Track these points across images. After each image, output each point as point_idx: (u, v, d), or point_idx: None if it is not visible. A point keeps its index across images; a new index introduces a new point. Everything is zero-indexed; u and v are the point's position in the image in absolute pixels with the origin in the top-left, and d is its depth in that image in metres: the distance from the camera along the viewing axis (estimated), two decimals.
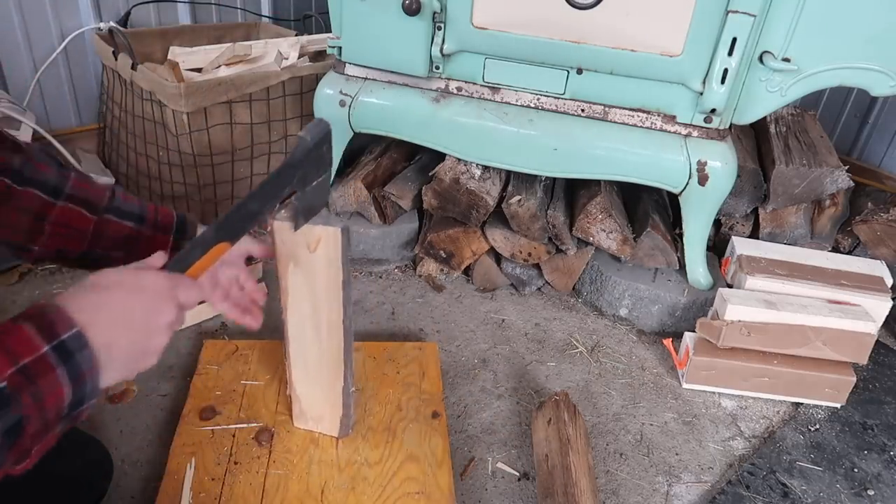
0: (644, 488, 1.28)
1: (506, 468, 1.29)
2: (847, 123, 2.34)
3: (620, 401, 1.50)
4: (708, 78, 1.43)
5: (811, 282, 1.56)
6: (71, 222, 0.87)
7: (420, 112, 1.66)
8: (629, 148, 1.57)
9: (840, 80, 1.45)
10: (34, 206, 0.84)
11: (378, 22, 1.54)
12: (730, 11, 1.35)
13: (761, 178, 1.77)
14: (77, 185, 0.88)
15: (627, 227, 1.71)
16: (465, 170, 1.70)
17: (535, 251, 1.73)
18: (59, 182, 0.86)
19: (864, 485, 1.34)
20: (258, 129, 1.87)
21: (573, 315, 1.78)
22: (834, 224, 1.88)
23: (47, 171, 0.85)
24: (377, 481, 1.16)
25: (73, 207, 0.86)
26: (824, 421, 1.49)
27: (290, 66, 1.91)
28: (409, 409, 1.32)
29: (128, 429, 1.29)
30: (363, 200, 1.81)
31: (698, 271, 1.70)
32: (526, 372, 1.56)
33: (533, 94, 1.61)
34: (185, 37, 2.15)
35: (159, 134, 1.80)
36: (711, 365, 1.49)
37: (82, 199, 0.87)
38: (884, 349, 1.73)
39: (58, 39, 1.94)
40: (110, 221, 0.90)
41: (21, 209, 0.83)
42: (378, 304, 1.74)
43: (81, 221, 0.87)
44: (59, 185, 0.86)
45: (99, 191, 0.90)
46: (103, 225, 0.89)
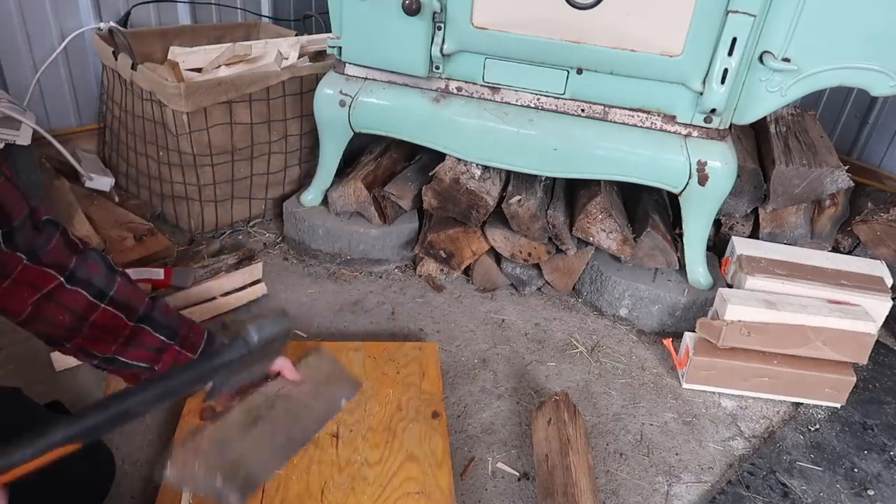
0: (644, 488, 1.28)
1: (506, 468, 1.29)
2: (847, 123, 2.34)
3: (620, 401, 1.50)
4: (708, 78, 1.43)
5: (811, 282, 1.56)
6: (109, 325, 0.89)
7: (420, 112, 1.66)
8: (629, 148, 1.57)
9: (840, 80, 1.45)
10: (79, 308, 0.87)
11: (378, 22, 1.54)
12: (730, 11, 1.35)
13: (761, 178, 1.77)
14: (122, 289, 0.91)
15: (627, 227, 1.71)
16: (465, 170, 1.70)
17: (535, 251, 1.73)
18: (106, 286, 0.89)
19: (864, 485, 1.34)
20: (258, 129, 1.87)
21: (573, 315, 1.78)
22: (834, 224, 1.88)
23: (97, 272, 0.89)
24: (377, 481, 1.16)
25: (113, 312, 0.89)
26: (824, 421, 1.49)
27: (290, 66, 1.91)
28: (409, 409, 1.32)
29: (128, 429, 1.29)
30: (363, 200, 1.81)
31: (698, 271, 1.70)
32: (526, 372, 1.56)
33: (533, 94, 1.61)
34: (185, 37, 2.15)
35: (159, 134, 1.80)
36: (711, 365, 1.49)
37: (124, 304, 0.90)
38: (884, 349, 1.73)
39: (58, 39, 1.94)
40: (145, 331, 0.92)
41: (66, 308, 0.86)
42: (378, 304, 1.74)
43: (119, 326, 0.90)
44: (104, 289, 0.89)
45: (141, 297, 0.93)
46: (138, 333, 0.92)
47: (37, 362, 1.41)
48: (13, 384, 1.02)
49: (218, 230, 1.93)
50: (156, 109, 1.77)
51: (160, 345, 0.94)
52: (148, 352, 0.93)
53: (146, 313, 0.93)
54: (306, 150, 2.02)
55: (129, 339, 0.91)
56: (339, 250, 1.87)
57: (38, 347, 1.44)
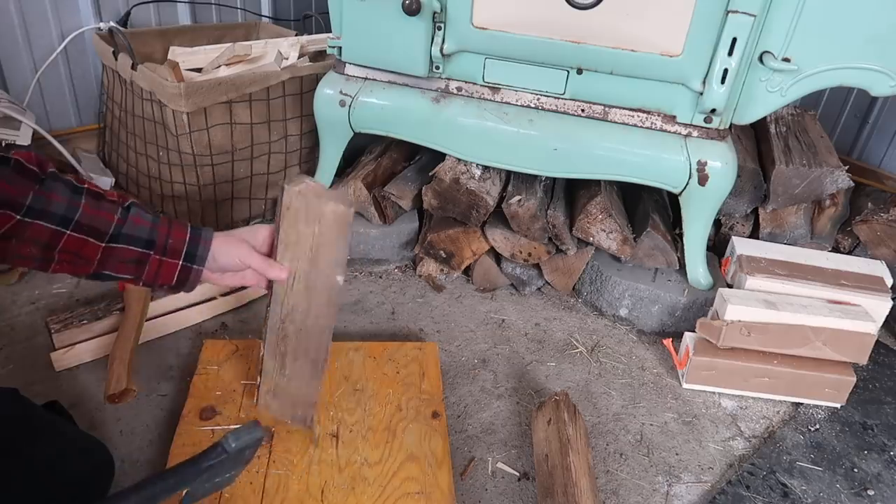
0: (644, 488, 1.28)
1: (506, 468, 1.29)
2: (847, 123, 2.34)
3: (620, 401, 1.50)
4: (708, 78, 1.43)
5: (811, 282, 1.56)
6: (80, 251, 0.89)
7: (420, 112, 1.66)
8: (629, 148, 1.57)
9: (840, 80, 1.45)
10: (43, 238, 0.86)
11: (378, 22, 1.54)
12: (730, 11, 1.35)
13: (761, 178, 1.77)
14: (87, 211, 0.89)
15: (627, 227, 1.71)
16: (465, 170, 1.70)
17: (535, 251, 1.73)
18: (68, 211, 0.88)
19: (864, 485, 1.34)
20: (258, 129, 1.87)
21: (573, 315, 1.78)
22: (834, 224, 1.88)
23: (58, 200, 0.87)
24: (377, 481, 1.16)
25: (80, 237, 0.89)
26: (824, 421, 1.49)
27: (290, 66, 1.91)
28: (409, 409, 1.32)
29: (128, 429, 1.29)
30: (363, 200, 1.81)
31: (698, 271, 1.70)
32: (526, 372, 1.56)
33: (533, 94, 1.61)
34: (185, 37, 2.15)
35: (159, 134, 1.80)
36: (711, 365, 1.49)
37: (90, 227, 0.89)
38: (884, 349, 1.73)
39: (58, 39, 1.94)
40: (118, 248, 0.92)
41: (31, 241, 0.85)
42: (378, 304, 1.74)
43: (89, 250, 0.90)
44: (67, 215, 0.87)
45: (110, 215, 0.91)
46: (111, 251, 0.91)
47: (37, 362, 1.41)
48: (13, 384, 1.02)
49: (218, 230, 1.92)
50: (156, 109, 1.77)
51: (138, 257, 0.94)
52: (128, 265, 0.93)
53: (117, 231, 0.92)
54: (306, 150, 2.02)
55: (105, 258, 0.91)
56: None
57: (38, 347, 1.44)
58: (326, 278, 1.05)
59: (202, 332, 1.56)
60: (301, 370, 1.15)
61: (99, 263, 0.91)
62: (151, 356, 1.47)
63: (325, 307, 1.08)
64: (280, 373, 1.17)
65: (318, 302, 1.08)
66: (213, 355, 1.41)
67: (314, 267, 1.05)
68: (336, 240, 1.02)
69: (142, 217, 0.95)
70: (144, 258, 0.94)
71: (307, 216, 1.01)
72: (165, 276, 0.97)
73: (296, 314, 1.10)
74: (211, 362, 1.39)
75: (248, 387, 1.33)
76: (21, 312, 1.56)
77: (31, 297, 1.61)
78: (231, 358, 1.40)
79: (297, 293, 1.08)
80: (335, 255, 1.03)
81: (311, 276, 1.06)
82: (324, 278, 1.05)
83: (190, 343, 1.52)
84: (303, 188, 1.00)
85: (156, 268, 0.95)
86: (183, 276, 0.98)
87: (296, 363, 1.15)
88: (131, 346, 1.39)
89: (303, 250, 1.04)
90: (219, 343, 1.45)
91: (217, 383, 1.33)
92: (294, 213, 1.02)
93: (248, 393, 1.32)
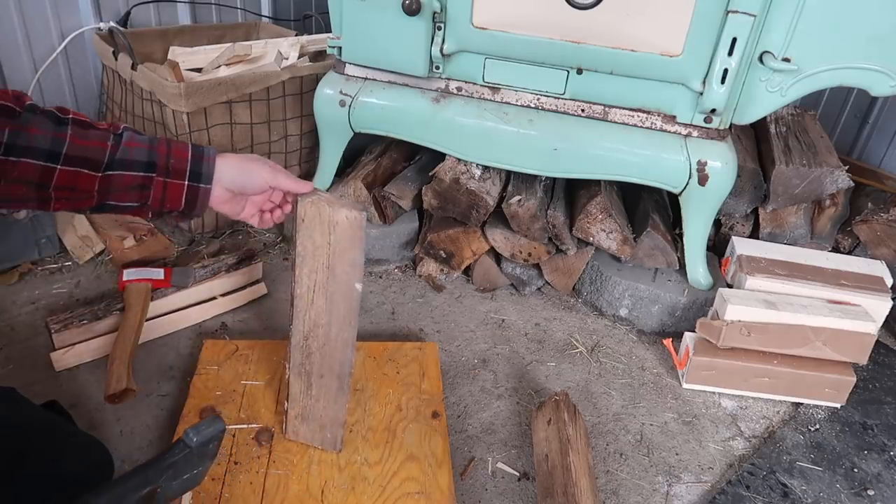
0: (644, 488, 1.28)
1: (506, 468, 1.29)
2: (847, 123, 2.34)
3: (620, 401, 1.50)
4: (708, 78, 1.43)
5: (811, 282, 1.56)
6: (76, 185, 0.84)
7: (420, 112, 1.66)
8: (629, 148, 1.57)
9: (840, 80, 1.45)
10: (33, 176, 0.81)
11: (378, 22, 1.54)
12: (730, 11, 1.35)
13: (761, 178, 1.77)
14: (75, 142, 0.84)
15: (627, 227, 1.71)
16: (465, 170, 1.70)
17: (535, 251, 1.73)
18: (54, 145, 0.82)
19: (864, 485, 1.34)
20: (258, 129, 1.87)
21: (573, 315, 1.78)
22: (834, 224, 1.88)
23: (41, 134, 0.82)
24: (377, 481, 1.16)
25: (73, 170, 0.84)
26: (824, 421, 1.49)
27: (290, 66, 1.91)
28: (409, 409, 1.32)
29: (128, 429, 1.29)
30: (363, 200, 1.81)
31: (698, 271, 1.70)
32: (526, 372, 1.56)
33: (533, 94, 1.61)
34: (185, 37, 2.15)
35: (159, 134, 1.80)
36: (711, 365, 1.49)
37: (82, 158, 0.84)
38: (884, 349, 1.73)
39: (58, 39, 1.94)
40: (117, 176, 0.87)
41: (21, 181, 0.81)
42: (378, 304, 1.74)
43: (85, 182, 0.85)
44: (54, 149, 0.82)
45: (102, 144, 0.86)
46: (109, 180, 0.86)
47: (37, 362, 1.41)
48: (13, 384, 1.02)
49: (218, 230, 1.93)
50: (156, 109, 1.77)
51: (141, 181, 0.88)
52: (131, 192, 0.88)
53: (112, 158, 0.86)
54: (306, 150, 2.02)
55: (105, 188, 0.86)
56: None
57: (38, 347, 1.44)
58: (345, 286, 1.05)
59: (202, 332, 1.56)
60: (327, 387, 1.15)
61: (99, 195, 0.86)
62: (151, 356, 1.47)
63: (345, 317, 1.08)
64: (307, 393, 1.17)
65: (339, 313, 1.08)
66: (213, 355, 1.41)
67: (332, 276, 1.05)
68: (352, 246, 1.02)
69: (137, 140, 0.89)
70: (147, 182, 0.89)
71: (321, 226, 1.01)
72: (173, 200, 0.91)
73: (318, 329, 1.10)
74: (211, 362, 1.39)
75: (249, 387, 1.33)
76: (21, 312, 1.56)
77: (31, 297, 1.61)
78: (231, 358, 1.40)
79: (317, 308, 1.08)
80: (352, 261, 1.03)
81: (330, 286, 1.06)
82: (342, 287, 1.05)
83: (190, 343, 1.52)
84: (315, 199, 1.00)
85: (161, 191, 0.90)
86: (191, 198, 0.92)
87: (322, 381, 1.15)
88: (131, 346, 1.39)
89: (320, 261, 1.04)
90: (219, 343, 1.45)
91: (217, 383, 1.33)
92: (309, 225, 1.02)
93: (248, 393, 1.32)
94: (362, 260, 1.03)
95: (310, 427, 1.20)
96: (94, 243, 1.75)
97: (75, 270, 1.72)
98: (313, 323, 1.10)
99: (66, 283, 1.67)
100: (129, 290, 1.50)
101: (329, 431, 1.19)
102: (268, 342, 1.45)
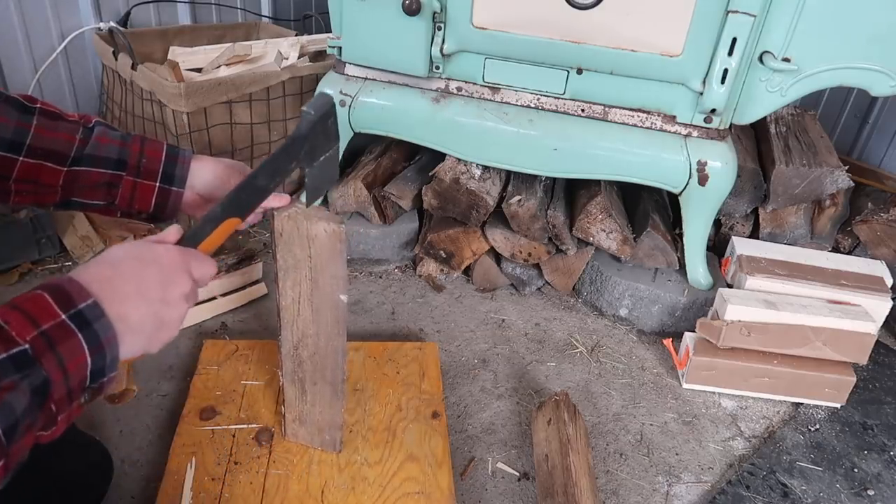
0: (644, 488, 1.28)
1: (506, 468, 1.29)
2: (847, 123, 2.34)
3: (620, 401, 1.50)
4: (708, 78, 1.43)
5: (811, 282, 1.56)
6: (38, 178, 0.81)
7: (420, 112, 1.66)
8: (629, 148, 1.57)
9: (840, 80, 1.45)
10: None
11: (378, 22, 1.54)
12: (730, 11, 1.35)
13: (761, 178, 1.77)
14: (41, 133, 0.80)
15: (627, 227, 1.71)
16: (465, 170, 1.70)
17: (535, 251, 1.73)
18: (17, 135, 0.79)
19: (864, 485, 1.34)
20: (258, 129, 1.87)
21: (573, 315, 1.78)
22: (834, 224, 1.88)
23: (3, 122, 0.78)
24: (377, 481, 1.16)
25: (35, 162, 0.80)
26: (824, 421, 1.49)
27: (290, 66, 1.91)
28: (409, 409, 1.32)
29: (128, 429, 1.29)
30: (363, 200, 1.81)
31: (698, 271, 1.70)
32: (526, 372, 1.56)
33: (533, 94, 1.61)
34: (185, 37, 2.15)
35: (159, 134, 1.80)
36: (711, 365, 1.49)
37: (47, 150, 0.81)
38: (884, 349, 1.73)
39: (58, 39, 1.94)
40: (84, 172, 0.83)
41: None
42: (378, 304, 1.74)
43: (48, 176, 0.81)
44: (17, 139, 0.79)
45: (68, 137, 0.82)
46: (75, 175, 0.83)
47: None
48: None
49: None
50: (156, 109, 1.77)
51: (109, 179, 0.84)
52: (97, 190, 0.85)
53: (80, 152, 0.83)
54: None
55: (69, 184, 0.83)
56: None
57: None
58: (330, 298, 1.04)
59: (202, 332, 1.56)
60: (321, 394, 1.15)
61: (64, 190, 0.83)
62: (151, 356, 1.46)
63: (333, 327, 1.07)
64: (302, 399, 1.16)
65: (326, 323, 1.07)
66: (213, 355, 1.41)
67: (316, 288, 1.04)
68: (332, 259, 1.01)
69: (108, 135, 0.85)
70: (116, 181, 0.85)
71: (300, 240, 1.01)
72: (142, 201, 0.88)
73: (307, 339, 1.10)
74: (211, 362, 1.39)
75: (248, 387, 1.33)
76: None
77: None
78: (231, 358, 1.40)
79: (304, 318, 1.08)
80: (334, 273, 1.02)
81: (315, 298, 1.05)
82: (327, 299, 1.04)
83: (190, 343, 1.52)
84: (291, 213, 0.99)
85: (130, 191, 0.86)
86: (161, 200, 0.89)
87: (315, 387, 1.14)
88: None
89: (302, 273, 1.03)
90: (219, 343, 1.45)
91: (217, 383, 1.33)
92: (287, 239, 1.01)
93: (248, 393, 1.32)
94: (345, 272, 1.02)
95: (308, 430, 1.20)
96: (94, 243, 1.75)
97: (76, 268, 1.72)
98: (302, 333, 1.10)
99: None
100: None
101: (328, 434, 1.19)
102: (268, 342, 1.45)
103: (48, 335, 0.56)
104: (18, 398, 0.54)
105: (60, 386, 0.57)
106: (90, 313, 0.59)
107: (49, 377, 0.56)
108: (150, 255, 0.67)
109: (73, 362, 0.58)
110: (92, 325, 0.59)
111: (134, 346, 0.64)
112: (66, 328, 0.57)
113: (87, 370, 0.60)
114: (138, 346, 0.65)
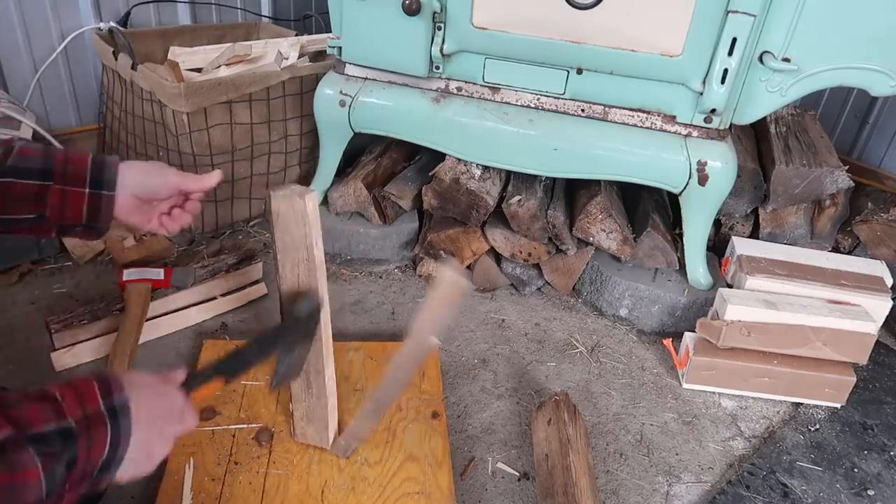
0: (644, 488, 1.28)
1: (506, 468, 1.29)
2: (847, 123, 2.34)
3: (620, 401, 1.50)
4: (708, 78, 1.43)
5: (811, 282, 1.56)
6: None
7: (420, 112, 1.66)
8: (629, 148, 1.57)
9: (840, 80, 1.45)
10: None
11: (378, 22, 1.54)
12: (730, 11, 1.35)
13: (761, 178, 1.77)
14: None
15: (627, 227, 1.71)
16: (465, 170, 1.70)
17: (535, 251, 1.73)
18: None
19: (864, 485, 1.34)
20: (258, 129, 1.87)
21: (573, 315, 1.78)
22: (834, 224, 1.88)
23: None
24: (377, 481, 1.16)
25: None
26: (824, 421, 1.49)
27: (290, 66, 1.91)
28: (409, 409, 1.32)
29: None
30: (363, 200, 1.81)
31: (698, 271, 1.70)
32: (526, 372, 1.56)
33: (533, 94, 1.61)
34: (185, 37, 2.15)
35: (159, 134, 1.80)
36: (711, 365, 1.49)
37: None
38: (884, 349, 1.73)
39: (58, 39, 1.94)
40: (8, 184, 0.81)
41: None
42: (378, 304, 1.74)
43: None
44: None
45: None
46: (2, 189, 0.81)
47: (37, 362, 1.41)
48: (13, 384, 1.02)
49: (218, 230, 1.93)
50: (156, 109, 1.77)
51: (36, 191, 0.82)
52: (25, 203, 0.82)
53: (2, 166, 0.80)
54: (306, 150, 2.02)
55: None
56: (339, 250, 1.87)
57: (38, 347, 1.44)
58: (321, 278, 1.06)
59: (202, 332, 1.56)
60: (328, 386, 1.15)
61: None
62: (151, 356, 1.47)
63: None
64: (308, 392, 1.16)
65: None
66: (213, 355, 1.41)
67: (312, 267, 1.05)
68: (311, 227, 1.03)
69: (31, 148, 0.83)
70: (44, 191, 0.82)
71: (296, 217, 1.01)
72: (73, 210, 0.85)
73: None
74: None
75: (249, 387, 1.33)
76: (21, 312, 1.56)
77: (31, 297, 1.61)
78: None
79: None
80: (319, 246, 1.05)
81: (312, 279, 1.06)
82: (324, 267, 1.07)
83: (190, 343, 1.52)
84: (286, 192, 1.00)
85: (60, 201, 0.83)
86: (93, 206, 0.86)
87: (319, 377, 1.14)
88: (131, 346, 1.39)
89: (300, 253, 1.04)
90: (219, 343, 1.45)
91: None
92: (284, 218, 1.02)
93: (248, 393, 1.32)
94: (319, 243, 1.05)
95: (316, 428, 1.19)
96: (94, 244, 1.75)
97: (75, 270, 1.72)
98: None
99: (66, 283, 1.67)
100: (129, 291, 1.50)
101: (344, 440, 1.19)
102: None
103: (89, 418, 0.63)
104: (59, 469, 0.60)
105: (82, 466, 0.63)
106: (121, 407, 0.66)
107: (77, 456, 0.62)
108: (163, 389, 0.74)
109: (97, 448, 0.64)
110: (119, 419, 0.66)
111: (126, 462, 0.69)
112: (101, 416, 0.64)
113: (101, 460, 0.65)
114: (126, 466, 0.69)
